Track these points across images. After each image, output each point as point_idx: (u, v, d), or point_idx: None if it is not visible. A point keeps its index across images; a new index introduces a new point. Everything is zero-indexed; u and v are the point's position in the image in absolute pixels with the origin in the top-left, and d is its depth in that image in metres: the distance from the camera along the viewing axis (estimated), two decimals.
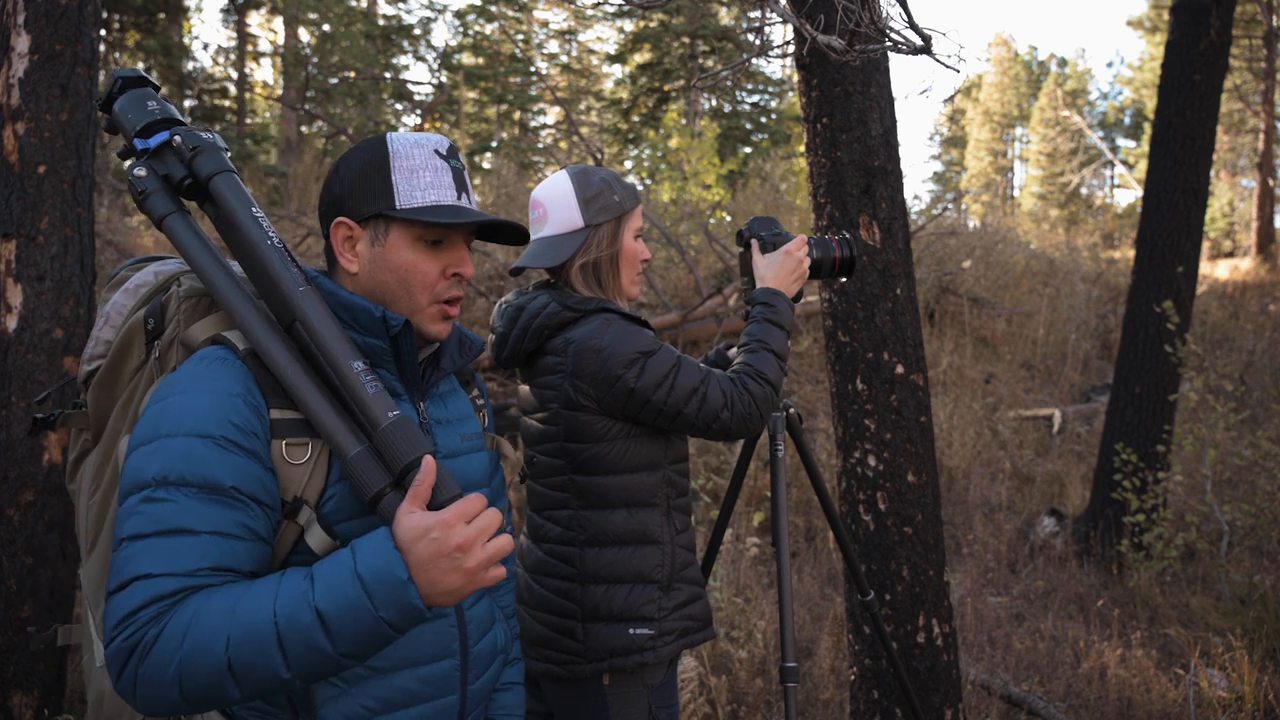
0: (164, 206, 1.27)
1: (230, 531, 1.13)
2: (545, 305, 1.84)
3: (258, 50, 16.82)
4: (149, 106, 1.30)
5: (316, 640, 1.06)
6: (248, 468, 1.16)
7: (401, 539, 1.10)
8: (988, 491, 6.72)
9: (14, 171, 2.70)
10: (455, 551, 1.09)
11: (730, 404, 1.82)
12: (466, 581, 1.11)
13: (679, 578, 1.88)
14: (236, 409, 1.17)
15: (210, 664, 1.05)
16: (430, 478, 1.14)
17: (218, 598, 1.08)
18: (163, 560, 1.09)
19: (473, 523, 1.12)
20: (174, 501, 1.12)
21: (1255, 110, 19.18)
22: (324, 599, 1.07)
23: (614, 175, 1.95)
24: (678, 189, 11.37)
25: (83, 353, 1.38)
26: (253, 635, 1.06)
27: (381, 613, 1.07)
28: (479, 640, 1.38)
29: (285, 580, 1.10)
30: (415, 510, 1.12)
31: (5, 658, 2.66)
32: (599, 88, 22.99)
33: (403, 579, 1.07)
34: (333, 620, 1.07)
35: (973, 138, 39.08)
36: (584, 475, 1.83)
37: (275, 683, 1.08)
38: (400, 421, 1.18)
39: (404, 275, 1.30)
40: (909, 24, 2.46)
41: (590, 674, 1.81)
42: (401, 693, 1.26)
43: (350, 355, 1.21)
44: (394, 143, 1.31)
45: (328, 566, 1.11)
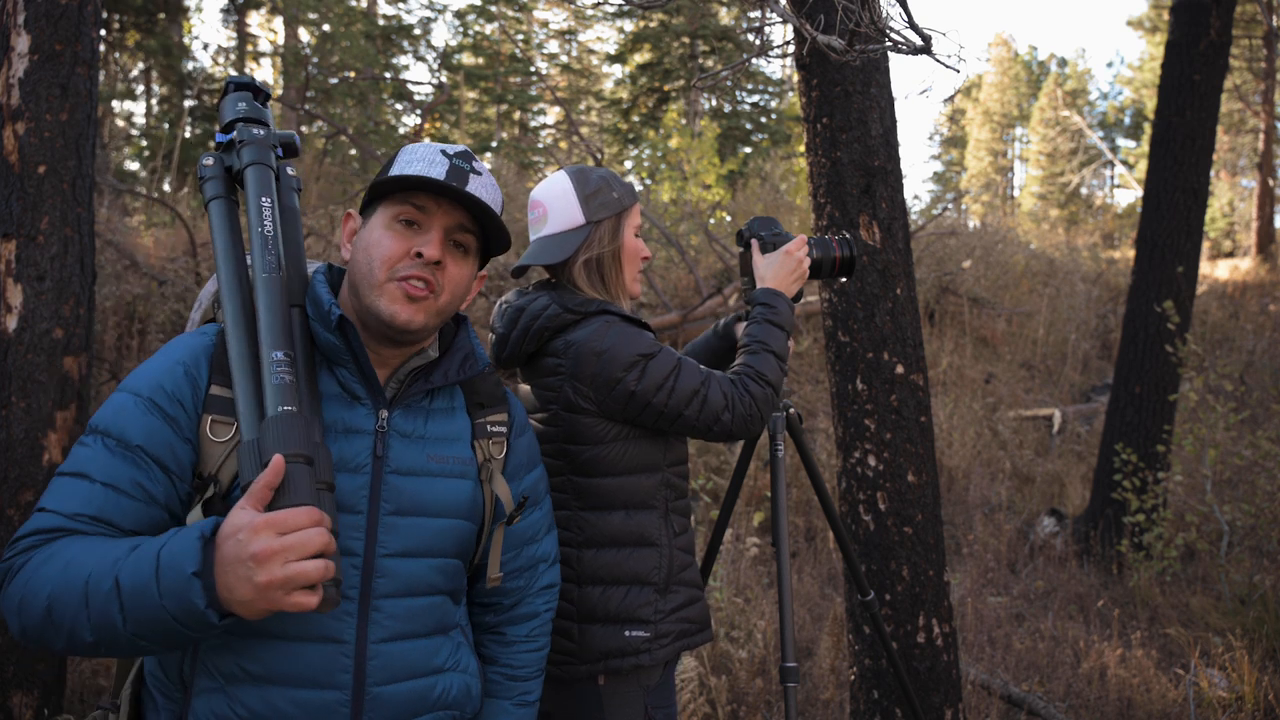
0: (212, 191, 1.34)
1: (121, 487, 1.17)
2: (546, 307, 1.84)
3: (258, 50, 16.82)
4: (238, 105, 1.39)
5: (110, 611, 1.05)
6: (161, 431, 1.20)
7: (219, 534, 1.05)
8: (988, 491, 6.72)
9: (14, 171, 2.70)
10: (250, 560, 1.01)
11: (731, 405, 1.81)
12: (257, 596, 1.02)
13: (676, 580, 1.88)
14: (174, 376, 1.23)
15: (37, 608, 1.09)
16: (271, 478, 1.06)
17: (72, 546, 1.11)
18: (58, 499, 1.16)
19: (285, 536, 1.02)
20: (90, 448, 1.18)
21: (1255, 110, 19.18)
22: (125, 571, 1.06)
23: (611, 174, 1.95)
24: (678, 189, 11.37)
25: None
26: (68, 590, 1.08)
27: (164, 601, 1.03)
28: (389, 683, 1.26)
29: (117, 544, 1.10)
30: (245, 508, 1.05)
31: (5, 658, 2.66)
32: (599, 88, 22.99)
33: (187, 573, 1.02)
34: (126, 595, 1.05)
35: (973, 138, 39.08)
36: (582, 477, 1.83)
37: (83, 643, 1.08)
38: (282, 417, 1.12)
39: (370, 251, 1.32)
40: (909, 24, 2.46)
41: (586, 675, 1.81)
42: (272, 710, 1.20)
43: (275, 344, 1.18)
44: (407, 146, 1.40)
45: (149, 541, 1.09)
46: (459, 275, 1.35)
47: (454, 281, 1.34)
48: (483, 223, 1.37)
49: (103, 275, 6.02)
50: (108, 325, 5.93)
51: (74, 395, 2.78)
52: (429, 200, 1.32)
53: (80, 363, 2.79)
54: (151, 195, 8.07)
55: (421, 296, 1.29)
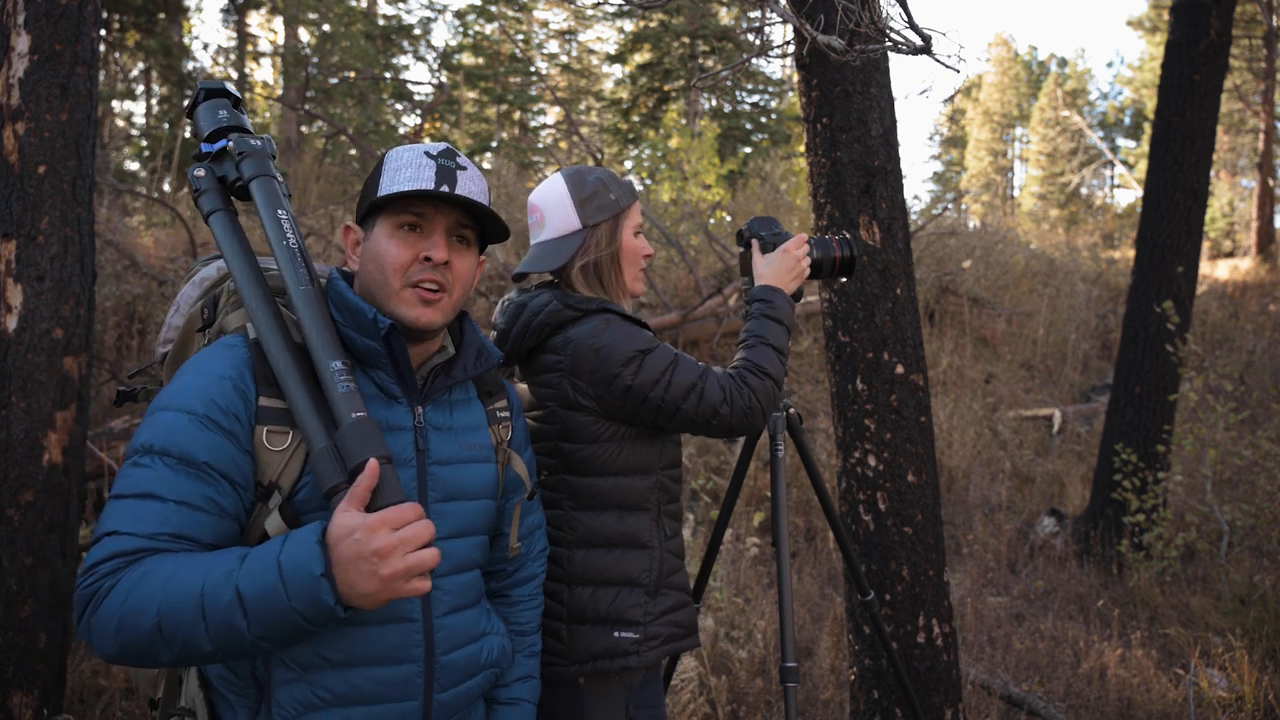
0: (211, 204, 1.38)
1: (195, 503, 1.19)
2: (547, 303, 1.84)
3: (258, 50, 16.82)
4: (219, 114, 1.43)
5: (234, 619, 1.11)
6: (223, 446, 1.22)
7: (330, 535, 1.13)
8: (988, 491, 6.72)
9: (14, 171, 2.70)
10: (373, 556, 1.10)
11: (729, 399, 1.81)
12: (381, 588, 1.12)
13: (666, 583, 1.87)
14: (224, 391, 1.24)
15: (144, 625, 1.11)
16: (370, 480, 1.16)
17: (166, 563, 1.14)
18: (131, 520, 1.17)
19: (399, 531, 1.13)
20: (152, 468, 1.19)
21: (1255, 110, 19.17)
22: (245, 580, 1.11)
23: (609, 174, 1.94)
24: (678, 189, 11.37)
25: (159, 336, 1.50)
26: (181, 605, 1.11)
27: (294, 603, 1.10)
28: (452, 650, 1.38)
29: (221, 557, 1.15)
30: (349, 510, 1.14)
31: (5, 658, 2.66)
32: (599, 88, 22.99)
33: (316, 574, 1.10)
34: (250, 602, 1.11)
35: (973, 138, 39.07)
36: (576, 476, 1.82)
37: (200, 653, 1.13)
38: (359, 423, 1.20)
39: (380, 261, 1.37)
40: (909, 24, 2.46)
41: (574, 675, 1.81)
42: (355, 690, 1.28)
43: (331, 354, 1.26)
44: (391, 151, 1.42)
45: (259, 550, 1.15)
46: (464, 269, 1.42)
47: (462, 276, 1.41)
48: (478, 215, 1.43)
49: (103, 275, 6.02)
50: (108, 325, 5.93)
51: (74, 395, 2.78)
52: (426, 205, 1.38)
53: (80, 363, 2.79)
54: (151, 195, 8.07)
55: (436, 299, 1.37)
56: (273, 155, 1.43)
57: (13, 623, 2.67)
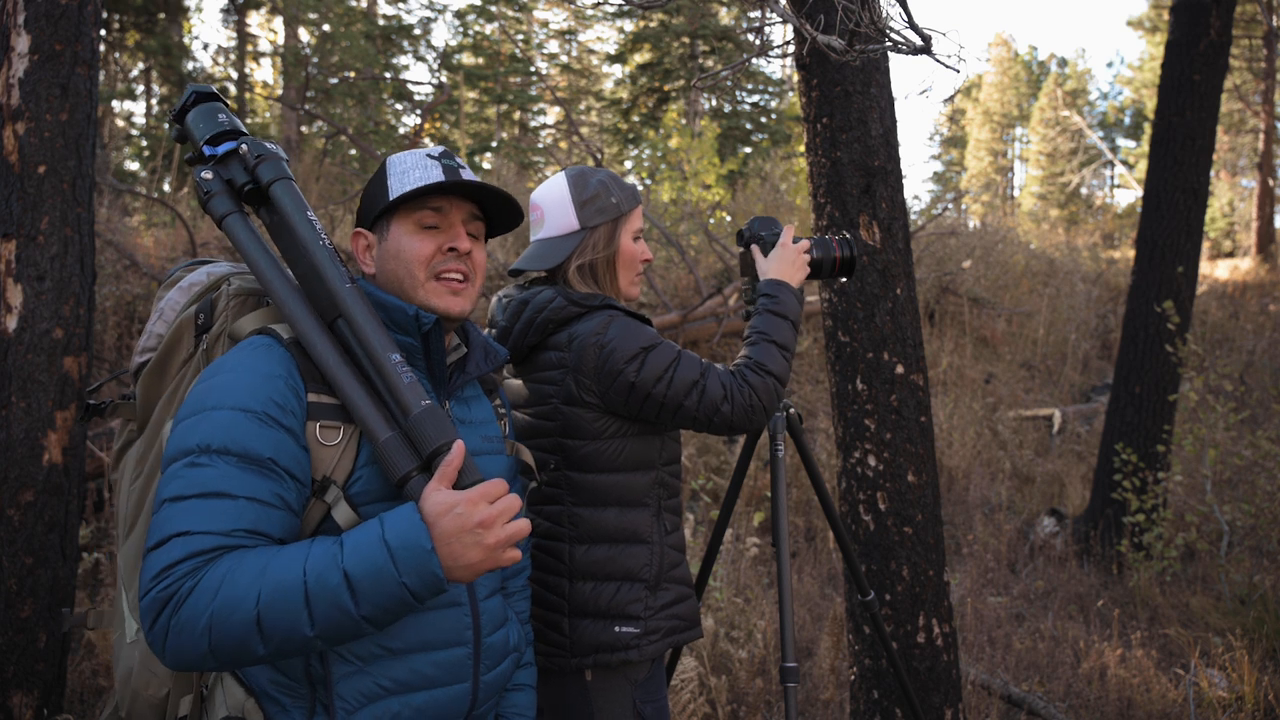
0: (224, 207, 1.38)
1: (264, 499, 1.20)
2: (550, 300, 1.85)
3: (258, 50, 16.82)
4: (219, 118, 1.43)
5: (342, 600, 1.13)
6: (284, 442, 1.24)
7: (428, 513, 1.17)
8: (988, 491, 6.72)
9: (14, 171, 2.70)
10: (477, 527, 1.16)
11: (730, 396, 1.81)
12: (485, 557, 1.18)
13: (667, 577, 1.88)
14: (277, 389, 1.26)
15: (240, 618, 1.11)
16: (459, 459, 1.22)
17: (251, 558, 1.15)
18: (201, 519, 1.16)
19: (495, 503, 1.19)
20: (214, 467, 1.19)
21: (1255, 110, 19.18)
22: (352, 562, 1.14)
23: (612, 177, 1.94)
24: (678, 189, 11.37)
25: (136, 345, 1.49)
26: (282, 593, 1.12)
27: (405, 579, 1.14)
28: (492, 632, 1.43)
29: (315, 545, 1.17)
30: (441, 488, 1.19)
31: (5, 658, 2.66)
32: (599, 88, 22.98)
33: (427, 548, 1.14)
34: (359, 582, 1.13)
35: (973, 138, 39.08)
36: (578, 472, 1.83)
37: (299, 640, 1.13)
38: (432, 409, 1.25)
39: (404, 257, 1.40)
40: (909, 24, 2.46)
41: (575, 668, 1.81)
42: (416, 675, 1.32)
43: (389, 348, 1.29)
44: (392, 158, 1.46)
45: (357, 533, 1.17)
46: (481, 259, 1.48)
47: (480, 266, 1.47)
48: (485, 205, 1.48)
49: (103, 275, 6.02)
50: (108, 325, 5.92)
51: (74, 395, 2.77)
52: (443, 200, 1.43)
53: (80, 363, 2.79)
54: (151, 195, 8.06)
55: (463, 288, 1.42)
56: (286, 159, 1.44)
57: (13, 623, 2.67)
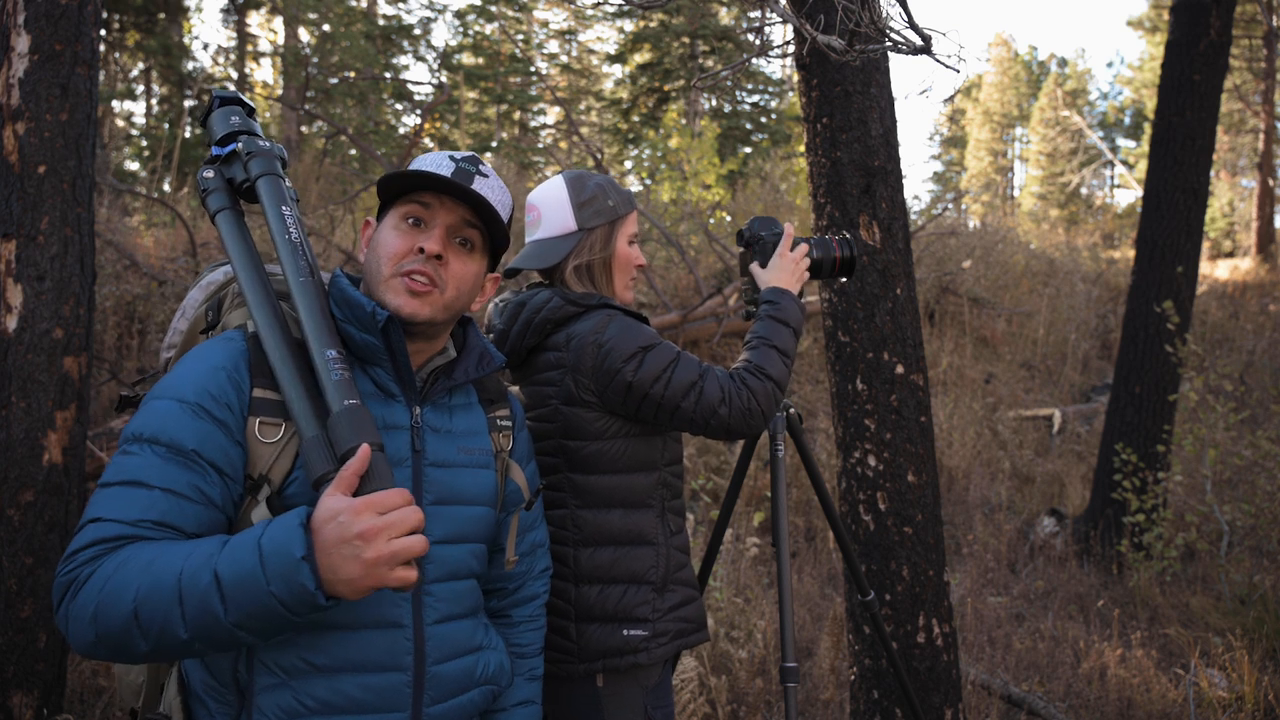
0: (217, 203, 1.40)
1: (181, 491, 1.18)
2: (548, 300, 1.85)
3: (258, 50, 16.82)
4: (231, 120, 1.45)
5: (211, 603, 1.07)
6: (213, 436, 1.21)
7: (314, 519, 1.10)
8: (988, 491, 6.72)
9: (14, 171, 2.70)
10: (356, 539, 1.07)
11: (728, 399, 1.81)
12: (365, 573, 1.08)
13: (673, 579, 1.88)
14: (217, 380, 1.24)
15: (120, 612, 1.08)
16: (359, 465, 1.13)
17: (146, 550, 1.12)
18: (114, 507, 1.15)
19: (385, 515, 1.09)
20: (139, 455, 1.18)
21: (1255, 110, 19.18)
22: (224, 563, 1.08)
23: (609, 180, 1.95)
24: (678, 189, 11.37)
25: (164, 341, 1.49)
26: (158, 589, 1.08)
27: (272, 587, 1.06)
28: (444, 661, 1.34)
29: (203, 543, 1.12)
30: (336, 494, 1.11)
31: (5, 658, 2.66)
32: (599, 88, 22.98)
33: (296, 557, 1.06)
34: (228, 586, 1.07)
35: (973, 138, 39.07)
36: (580, 474, 1.82)
37: (175, 642, 1.09)
38: (351, 410, 1.18)
39: (378, 250, 1.38)
40: (909, 24, 2.45)
41: (583, 674, 1.81)
42: (342, 697, 1.25)
43: (326, 344, 1.25)
44: (422, 155, 1.46)
45: (240, 535, 1.12)
46: (463, 271, 1.39)
47: (458, 277, 1.38)
48: (487, 219, 1.40)
49: (103, 275, 6.02)
50: (108, 325, 5.92)
51: (74, 395, 2.77)
52: (433, 198, 1.37)
53: (80, 363, 2.79)
54: (151, 195, 8.07)
55: (424, 291, 1.34)
56: (282, 158, 1.43)
57: (13, 623, 2.67)
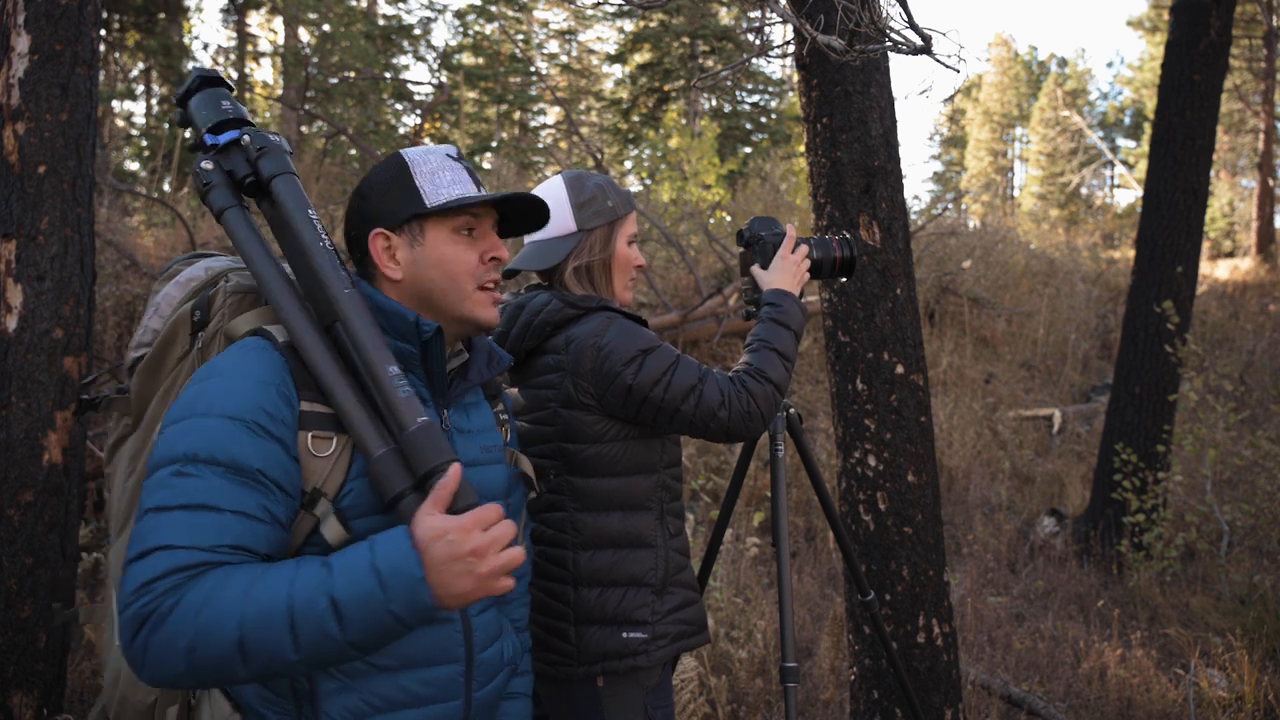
0: (224, 200, 1.32)
1: (252, 513, 1.16)
2: (547, 302, 1.85)
3: (258, 50, 16.82)
4: (222, 105, 1.36)
5: (328, 626, 1.09)
6: (274, 453, 1.19)
7: (420, 538, 1.13)
8: (988, 491, 6.72)
9: (14, 171, 2.70)
10: (469, 556, 1.12)
11: (727, 402, 1.80)
12: (476, 586, 1.14)
13: (673, 581, 1.87)
14: (269, 397, 1.20)
15: (223, 640, 1.08)
16: (453, 483, 1.17)
17: (236, 576, 1.11)
18: (185, 533, 1.11)
19: (488, 530, 1.15)
20: (201, 478, 1.14)
21: (1255, 110, 19.18)
22: (340, 587, 1.10)
23: (609, 181, 1.95)
24: (678, 189, 11.36)
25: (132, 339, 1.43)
26: (266, 616, 1.08)
27: (393, 607, 1.10)
28: (485, 648, 1.39)
29: (302, 566, 1.13)
30: (435, 513, 1.15)
31: (5, 658, 2.66)
32: (599, 88, 22.98)
33: (418, 577, 1.11)
34: (346, 609, 1.09)
35: (973, 138, 39.07)
36: (580, 477, 1.82)
37: (282, 664, 1.10)
38: (427, 427, 1.21)
39: (448, 268, 1.37)
40: (909, 24, 2.46)
41: (583, 676, 1.80)
42: (404, 692, 1.28)
43: (387, 359, 1.25)
44: (408, 154, 1.39)
45: (345, 557, 1.13)
46: None
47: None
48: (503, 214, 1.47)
49: (103, 275, 6.02)
50: (108, 325, 5.92)
51: (74, 395, 2.77)
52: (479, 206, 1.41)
53: (80, 363, 2.79)
54: (151, 195, 8.07)
55: (498, 299, 1.41)
56: (290, 152, 1.39)
57: (13, 623, 2.67)
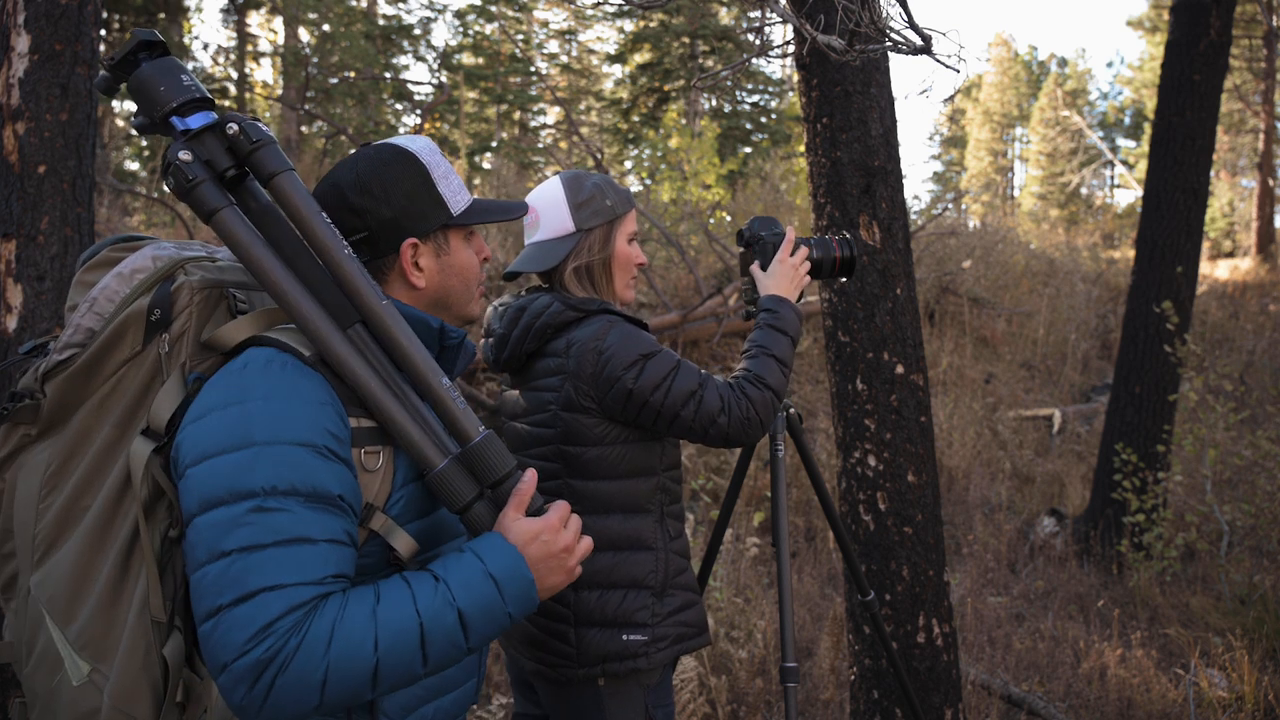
0: (215, 199, 1.17)
1: (340, 539, 1.13)
2: (548, 305, 1.85)
3: (258, 50, 16.82)
4: (184, 81, 1.17)
5: (456, 638, 1.14)
6: (346, 476, 1.16)
7: (516, 541, 1.20)
8: (988, 491, 6.72)
9: (14, 171, 2.70)
10: (562, 552, 1.23)
11: (727, 408, 1.81)
12: (566, 579, 1.24)
13: (673, 584, 1.87)
14: (329, 417, 1.16)
15: (359, 668, 1.08)
16: (531, 487, 1.24)
17: (352, 604, 1.10)
18: (290, 570, 1.07)
19: (568, 527, 1.25)
20: (289, 511, 1.08)
21: (1255, 110, 19.18)
22: (463, 599, 1.14)
23: (607, 180, 1.95)
24: (678, 189, 11.36)
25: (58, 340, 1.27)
26: (399, 637, 1.10)
27: (510, 608, 1.18)
28: None
29: (414, 583, 1.15)
30: (520, 517, 1.22)
31: None
32: (599, 88, 22.98)
33: (530, 578, 1.19)
34: (471, 619, 1.15)
35: (973, 138, 39.08)
36: (580, 480, 1.82)
37: (408, 681, 1.13)
38: (490, 438, 1.25)
39: (465, 274, 1.40)
40: (909, 24, 2.46)
41: (583, 678, 1.81)
42: (444, 679, 1.32)
43: (437, 371, 1.25)
44: (421, 155, 1.34)
45: (457, 569, 1.17)
46: None
47: None
48: None
49: None
50: None
51: None
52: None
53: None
54: (151, 195, 8.07)
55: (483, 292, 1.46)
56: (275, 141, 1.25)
57: None
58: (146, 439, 1.16)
